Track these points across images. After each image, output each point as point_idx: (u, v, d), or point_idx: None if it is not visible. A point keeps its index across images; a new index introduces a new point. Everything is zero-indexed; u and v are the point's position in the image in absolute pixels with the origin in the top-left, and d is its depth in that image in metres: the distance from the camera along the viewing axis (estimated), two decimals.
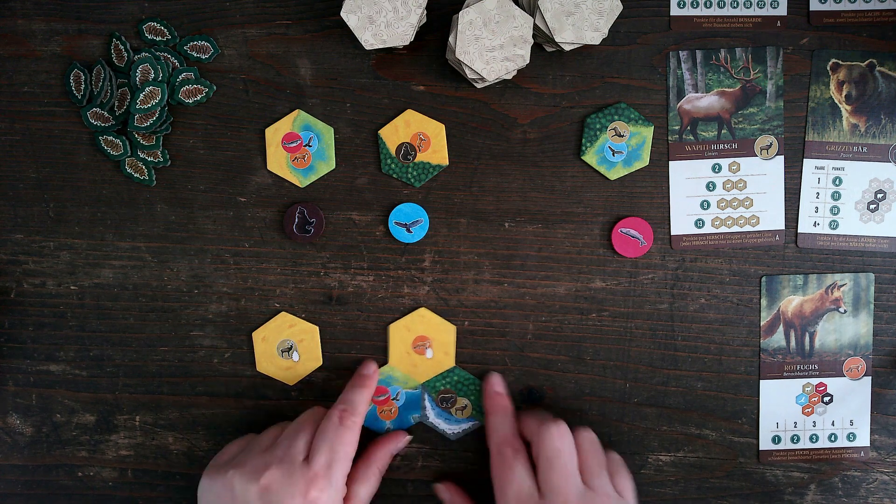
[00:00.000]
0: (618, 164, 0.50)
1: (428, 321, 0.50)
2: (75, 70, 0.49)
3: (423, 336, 0.49)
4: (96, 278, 0.52)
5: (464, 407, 0.51)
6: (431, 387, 0.50)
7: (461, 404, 0.51)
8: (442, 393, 0.50)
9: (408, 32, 0.45)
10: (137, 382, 0.52)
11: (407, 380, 0.50)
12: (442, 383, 0.50)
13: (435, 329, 0.50)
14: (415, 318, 0.50)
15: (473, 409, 0.51)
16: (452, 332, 0.50)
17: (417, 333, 0.50)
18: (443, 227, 0.51)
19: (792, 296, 0.52)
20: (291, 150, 0.50)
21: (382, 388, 0.50)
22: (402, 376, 0.50)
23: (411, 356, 0.50)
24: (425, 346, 0.50)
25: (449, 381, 0.50)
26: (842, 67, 0.50)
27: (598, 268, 0.51)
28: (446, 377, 0.50)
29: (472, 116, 0.50)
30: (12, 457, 0.53)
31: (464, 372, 0.50)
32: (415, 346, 0.50)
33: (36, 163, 0.51)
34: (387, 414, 0.51)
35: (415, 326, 0.50)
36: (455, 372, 0.50)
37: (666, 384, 0.52)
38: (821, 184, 0.51)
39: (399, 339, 0.50)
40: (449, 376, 0.50)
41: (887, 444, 0.53)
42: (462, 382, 0.50)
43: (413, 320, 0.50)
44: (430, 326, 0.49)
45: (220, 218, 0.51)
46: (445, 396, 0.50)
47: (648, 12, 0.50)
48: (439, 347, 0.50)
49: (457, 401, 0.50)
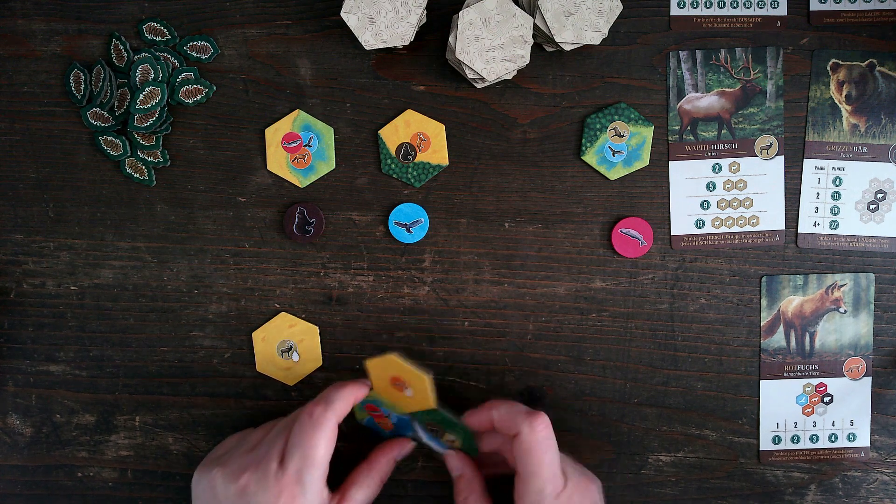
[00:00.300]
0: (618, 164, 0.50)
1: (399, 368, 0.43)
2: (75, 70, 0.49)
3: (398, 377, 0.44)
4: (96, 278, 0.52)
5: (452, 441, 0.48)
6: (419, 419, 0.47)
7: (450, 438, 0.48)
8: (429, 425, 0.47)
9: (408, 32, 0.45)
10: (137, 383, 0.52)
11: (392, 407, 0.47)
12: (426, 418, 0.47)
13: (408, 375, 0.43)
14: (388, 362, 0.44)
15: (464, 446, 0.48)
16: (427, 381, 0.43)
17: (391, 374, 0.44)
18: (443, 227, 0.51)
19: (792, 296, 0.51)
20: (291, 150, 0.50)
21: (373, 406, 0.48)
22: (388, 404, 0.47)
23: (392, 391, 0.45)
24: (403, 385, 0.44)
25: (431, 418, 0.46)
26: (842, 67, 0.50)
27: (598, 268, 0.51)
28: (428, 415, 0.46)
29: (472, 116, 0.50)
30: (12, 457, 0.53)
31: (446, 414, 0.45)
32: (394, 384, 0.45)
33: (36, 163, 0.51)
34: (384, 425, 0.49)
35: (389, 368, 0.44)
36: (438, 414, 0.45)
37: (666, 384, 0.52)
38: (821, 184, 0.51)
39: (376, 375, 0.45)
40: (431, 415, 0.46)
41: (888, 444, 0.52)
42: (447, 422, 0.46)
43: (386, 363, 0.44)
44: (402, 372, 0.44)
45: (220, 218, 0.51)
46: (433, 429, 0.47)
47: (648, 12, 0.50)
48: (417, 391, 0.44)
49: (444, 434, 0.47)
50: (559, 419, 0.52)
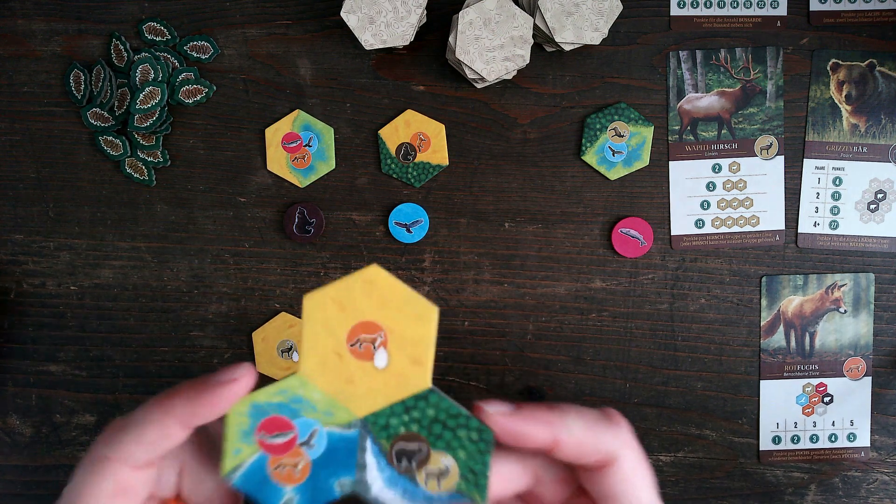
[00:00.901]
0: (618, 164, 0.50)
1: (383, 294, 0.25)
2: (75, 70, 0.49)
3: (370, 323, 0.25)
4: (96, 278, 0.52)
5: (444, 471, 0.26)
6: (381, 426, 0.26)
7: (438, 465, 0.26)
8: (400, 440, 0.26)
9: (408, 32, 0.45)
10: (137, 383, 0.52)
11: (332, 407, 0.26)
12: (402, 421, 0.26)
13: (397, 312, 0.25)
14: (355, 286, 0.25)
15: (463, 478, 0.26)
16: (431, 319, 0.25)
17: (360, 317, 0.25)
18: (443, 227, 0.51)
19: (792, 296, 0.51)
20: (291, 150, 0.50)
21: (281, 419, 0.26)
22: (323, 401, 0.26)
23: (344, 360, 0.26)
24: (374, 342, 0.25)
25: (417, 416, 0.26)
26: (842, 67, 0.50)
27: (598, 268, 0.51)
28: (413, 410, 0.26)
29: (472, 116, 0.50)
30: (12, 457, 0.53)
31: (447, 400, 0.26)
32: (352, 342, 0.26)
33: (36, 163, 0.51)
34: (288, 472, 0.26)
35: (355, 301, 0.25)
36: (431, 401, 0.26)
37: (666, 384, 0.52)
38: (821, 184, 0.51)
39: (321, 322, 0.25)
40: (418, 409, 0.26)
41: (887, 444, 0.52)
42: (441, 421, 0.26)
43: (351, 289, 0.25)
44: (387, 305, 0.25)
45: (220, 218, 0.51)
46: (407, 448, 0.26)
47: (648, 12, 0.50)
48: (402, 348, 0.25)
49: (429, 457, 0.26)
50: None
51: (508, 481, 0.26)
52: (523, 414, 0.25)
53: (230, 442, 0.26)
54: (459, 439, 0.26)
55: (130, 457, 0.25)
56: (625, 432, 0.27)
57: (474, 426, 0.25)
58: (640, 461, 0.27)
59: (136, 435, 0.25)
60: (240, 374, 0.25)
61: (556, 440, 0.25)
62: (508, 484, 0.26)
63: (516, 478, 0.27)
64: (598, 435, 0.26)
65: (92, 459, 0.26)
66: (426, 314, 0.25)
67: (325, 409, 0.26)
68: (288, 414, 0.26)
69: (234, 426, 0.26)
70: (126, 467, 0.26)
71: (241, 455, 0.26)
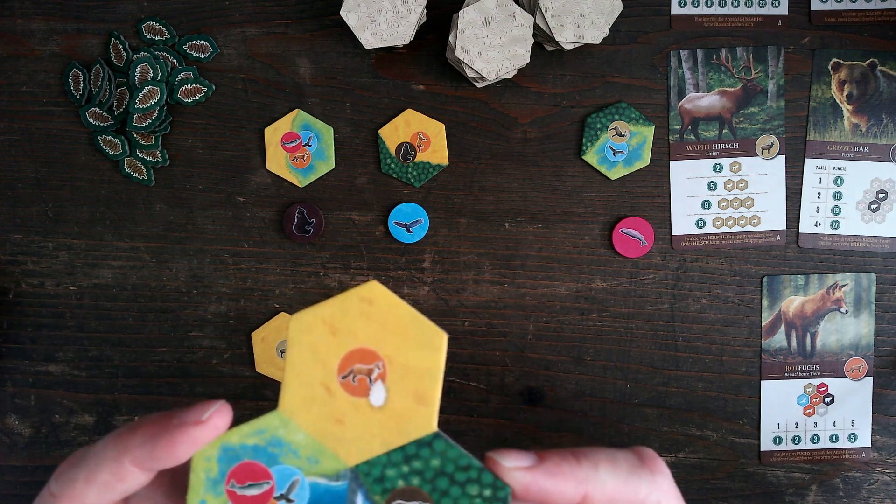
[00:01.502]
0: (618, 164, 0.50)
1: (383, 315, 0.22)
2: (74, 69, 0.49)
3: (367, 351, 0.22)
4: (95, 278, 0.51)
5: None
6: (375, 478, 0.22)
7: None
8: (398, 496, 0.22)
9: (407, 31, 0.45)
10: (136, 383, 0.52)
11: (318, 453, 0.22)
12: (401, 472, 0.22)
13: (399, 338, 0.22)
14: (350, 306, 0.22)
15: None
16: (439, 347, 0.22)
17: (355, 343, 0.22)
18: (443, 227, 0.51)
19: (793, 296, 0.51)
20: (291, 149, 0.50)
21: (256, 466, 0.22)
22: (307, 444, 0.22)
23: (334, 395, 0.22)
24: (371, 373, 0.22)
25: (419, 467, 0.22)
26: (843, 67, 0.50)
27: (599, 268, 0.51)
28: (414, 459, 0.22)
29: (472, 116, 0.50)
30: (11, 457, 0.53)
31: (455, 448, 0.22)
32: (344, 374, 0.22)
33: (35, 162, 0.51)
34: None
35: (350, 324, 0.22)
36: (436, 448, 0.22)
37: (667, 385, 0.52)
38: (822, 184, 0.51)
39: (309, 348, 0.22)
40: (421, 458, 0.22)
41: (889, 444, 0.52)
42: (448, 474, 0.22)
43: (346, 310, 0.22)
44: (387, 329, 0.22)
45: (220, 218, 0.51)
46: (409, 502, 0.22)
47: (649, 11, 0.50)
48: (404, 382, 0.22)
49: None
50: (559, 420, 0.52)
51: None
52: (547, 468, 0.22)
53: (193, 491, 0.22)
54: (469, 497, 0.22)
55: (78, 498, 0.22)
56: (662, 479, 0.23)
57: (488, 482, 0.22)
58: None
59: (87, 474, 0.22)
60: (209, 415, 0.21)
61: (587, 496, 0.22)
62: None
63: None
64: (633, 487, 0.23)
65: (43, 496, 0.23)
66: (434, 341, 0.21)
67: (308, 454, 0.22)
68: (264, 460, 0.22)
69: (200, 472, 0.22)
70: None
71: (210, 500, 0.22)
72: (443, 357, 0.21)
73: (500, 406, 0.52)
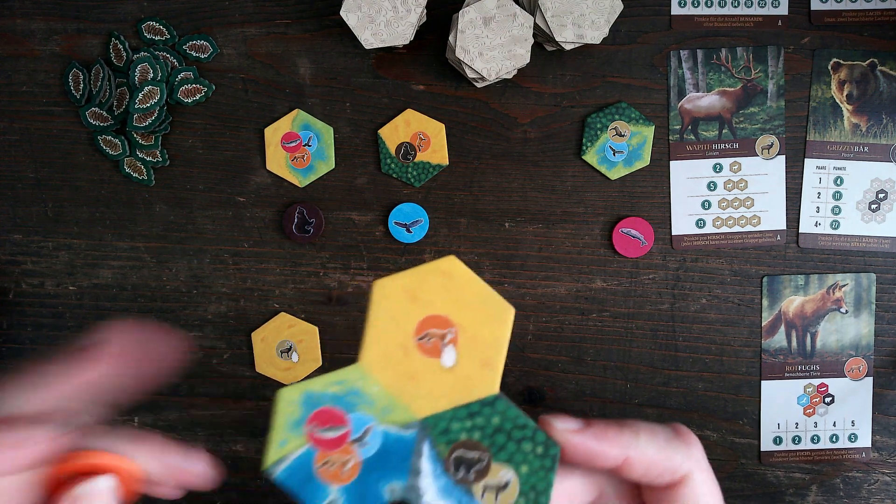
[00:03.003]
0: (618, 164, 0.50)
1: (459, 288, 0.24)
2: (74, 69, 0.49)
3: (441, 318, 0.24)
4: (95, 278, 0.51)
5: (503, 485, 0.24)
6: (441, 430, 0.24)
7: (498, 478, 0.24)
8: (460, 447, 0.24)
9: (407, 31, 0.45)
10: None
11: (391, 405, 0.24)
12: (465, 426, 0.24)
13: (472, 310, 0.24)
14: (430, 277, 0.24)
15: (523, 495, 0.24)
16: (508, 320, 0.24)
17: (431, 310, 0.24)
18: (443, 227, 0.51)
19: (793, 296, 0.51)
20: (291, 149, 0.50)
21: (335, 412, 0.24)
22: (382, 396, 0.24)
23: (409, 355, 0.24)
24: (444, 338, 0.24)
25: (481, 423, 0.24)
26: (843, 67, 0.50)
27: (599, 268, 0.51)
28: (477, 416, 0.24)
29: (472, 116, 0.50)
30: None
31: (514, 408, 0.24)
32: (420, 336, 0.24)
33: (34, 162, 0.51)
34: (336, 471, 0.24)
35: (426, 294, 0.24)
36: (497, 408, 0.24)
37: (667, 385, 0.52)
38: (822, 184, 0.51)
39: (389, 312, 0.24)
40: (483, 415, 0.24)
41: (889, 444, 0.52)
42: (505, 431, 0.24)
43: (425, 280, 0.24)
44: (462, 301, 0.24)
45: (219, 218, 0.51)
46: (466, 456, 0.24)
47: (649, 11, 0.50)
48: (473, 348, 0.24)
49: (489, 468, 0.24)
50: None
51: (572, 497, 0.26)
52: (594, 432, 0.24)
53: (276, 431, 0.24)
54: (524, 453, 0.24)
55: None
56: (696, 450, 0.26)
57: (541, 440, 0.24)
58: (711, 481, 0.26)
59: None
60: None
61: (627, 459, 0.24)
62: (571, 500, 0.26)
63: (580, 494, 0.26)
64: (669, 454, 0.25)
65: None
66: (503, 315, 0.24)
67: (383, 405, 0.24)
68: (343, 407, 0.24)
69: (284, 414, 0.24)
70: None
71: (286, 447, 0.24)
72: (509, 329, 0.24)
73: None
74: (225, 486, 0.52)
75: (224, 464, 0.52)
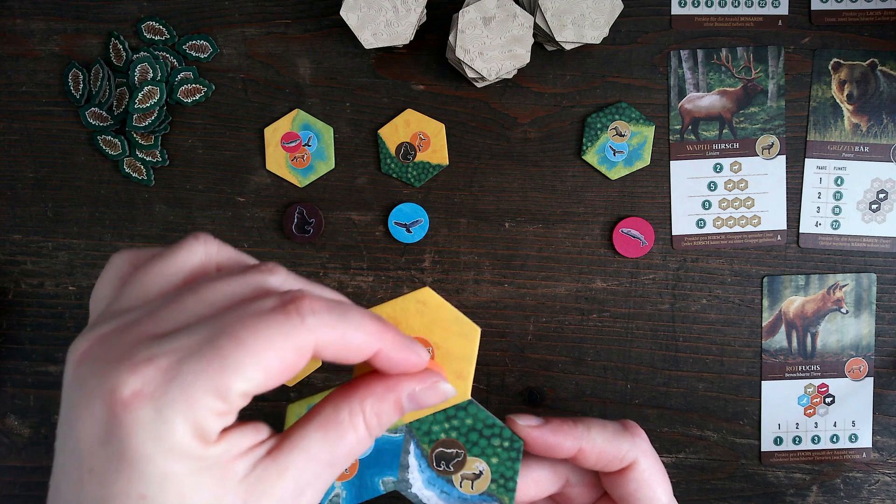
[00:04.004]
0: (619, 164, 0.50)
1: (433, 313, 0.28)
2: (74, 69, 0.49)
3: (420, 339, 0.28)
4: (95, 279, 0.51)
5: (477, 475, 0.30)
6: (424, 432, 0.30)
7: (473, 469, 0.30)
8: (440, 445, 0.30)
9: (407, 31, 0.45)
10: None
11: None
12: (443, 428, 0.30)
13: (444, 330, 0.28)
14: (409, 305, 0.28)
15: (494, 482, 0.30)
16: (474, 338, 0.28)
17: (411, 334, 0.28)
18: (443, 227, 0.51)
19: (794, 296, 0.51)
20: (290, 149, 0.50)
21: None
22: None
23: None
24: None
25: (456, 424, 0.30)
26: (843, 67, 0.50)
27: (599, 268, 0.51)
28: (453, 418, 0.30)
29: (472, 116, 0.50)
30: (10, 458, 0.53)
31: (483, 411, 0.30)
32: None
33: (34, 162, 0.51)
34: None
35: (407, 319, 0.28)
36: (470, 411, 0.30)
37: (667, 385, 0.52)
38: (822, 184, 0.51)
39: None
40: (458, 418, 0.30)
41: (889, 445, 0.52)
42: (477, 430, 0.30)
43: (405, 308, 0.28)
44: (435, 323, 0.28)
45: (219, 218, 0.51)
46: (446, 452, 0.30)
47: (649, 11, 0.50)
48: (447, 363, 0.28)
49: (465, 461, 0.30)
50: None
51: (539, 484, 0.30)
52: (551, 427, 0.29)
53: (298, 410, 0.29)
54: (493, 447, 0.29)
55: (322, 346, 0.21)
56: (641, 441, 0.30)
57: (507, 436, 0.29)
58: (657, 466, 0.30)
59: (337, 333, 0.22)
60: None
61: (581, 450, 0.29)
62: (540, 487, 0.30)
63: (547, 482, 0.30)
64: (617, 444, 0.29)
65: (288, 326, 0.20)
66: (470, 333, 0.28)
67: None
68: None
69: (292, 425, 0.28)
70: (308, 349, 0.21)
71: None
72: (476, 345, 0.28)
73: (501, 406, 0.52)
74: None
75: None
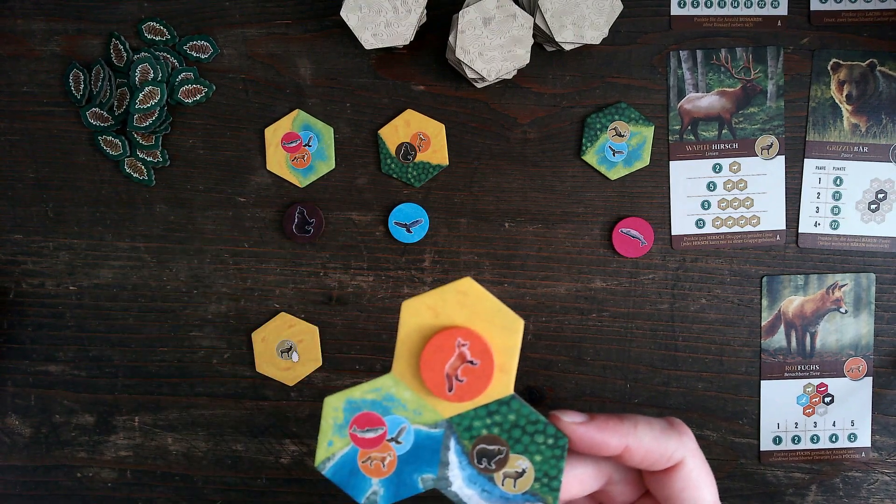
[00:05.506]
0: (618, 164, 0.50)
1: (475, 304, 0.27)
2: (74, 70, 0.49)
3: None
4: (95, 279, 0.51)
5: (520, 473, 0.28)
6: (464, 428, 0.28)
7: (515, 467, 0.28)
8: (482, 441, 0.28)
9: (408, 32, 0.45)
10: (136, 383, 0.52)
11: (421, 407, 0.28)
12: (485, 423, 0.28)
13: (487, 322, 0.27)
14: (449, 296, 0.27)
15: (537, 480, 0.28)
16: (518, 330, 0.27)
17: (451, 325, 0.27)
18: (443, 227, 0.51)
19: (793, 296, 0.51)
20: (291, 149, 0.50)
21: (373, 415, 0.28)
22: (413, 400, 0.28)
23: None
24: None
25: (499, 420, 0.28)
26: (842, 67, 0.50)
27: (599, 268, 0.51)
28: (495, 414, 0.28)
29: (472, 116, 0.50)
30: (11, 457, 0.53)
31: (527, 407, 0.28)
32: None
33: (35, 163, 0.51)
34: (376, 466, 0.28)
35: (447, 310, 0.27)
36: (513, 406, 0.28)
37: (667, 385, 0.52)
38: (821, 184, 0.51)
39: (416, 328, 0.27)
40: (500, 413, 0.28)
41: (888, 444, 0.52)
42: (520, 426, 0.28)
43: (445, 299, 0.27)
44: (477, 315, 0.27)
45: (220, 218, 0.51)
46: (487, 449, 0.28)
47: (649, 12, 0.50)
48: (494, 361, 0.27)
49: (507, 459, 0.28)
50: None
51: (583, 482, 0.29)
52: (597, 424, 0.28)
53: (324, 434, 0.28)
54: (536, 444, 0.28)
55: None
56: (688, 440, 0.29)
57: (551, 433, 0.28)
58: (704, 466, 0.29)
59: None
60: None
61: (627, 447, 0.28)
62: (583, 485, 0.29)
63: (590, 479, 0.29)
64: (664, 443, 0.28)
65: None
66: (514, 326, 0.26)
67: (414, 408, 0.28)
68: (380, 411, 0.28)
69: (329, 419, 0.28)
70: None
71: (333, 447, 0.28)
72: (520, 338, 0.26)
73: None
74: (225, 486, 0.53)
75: (224, 464, 0.53)
